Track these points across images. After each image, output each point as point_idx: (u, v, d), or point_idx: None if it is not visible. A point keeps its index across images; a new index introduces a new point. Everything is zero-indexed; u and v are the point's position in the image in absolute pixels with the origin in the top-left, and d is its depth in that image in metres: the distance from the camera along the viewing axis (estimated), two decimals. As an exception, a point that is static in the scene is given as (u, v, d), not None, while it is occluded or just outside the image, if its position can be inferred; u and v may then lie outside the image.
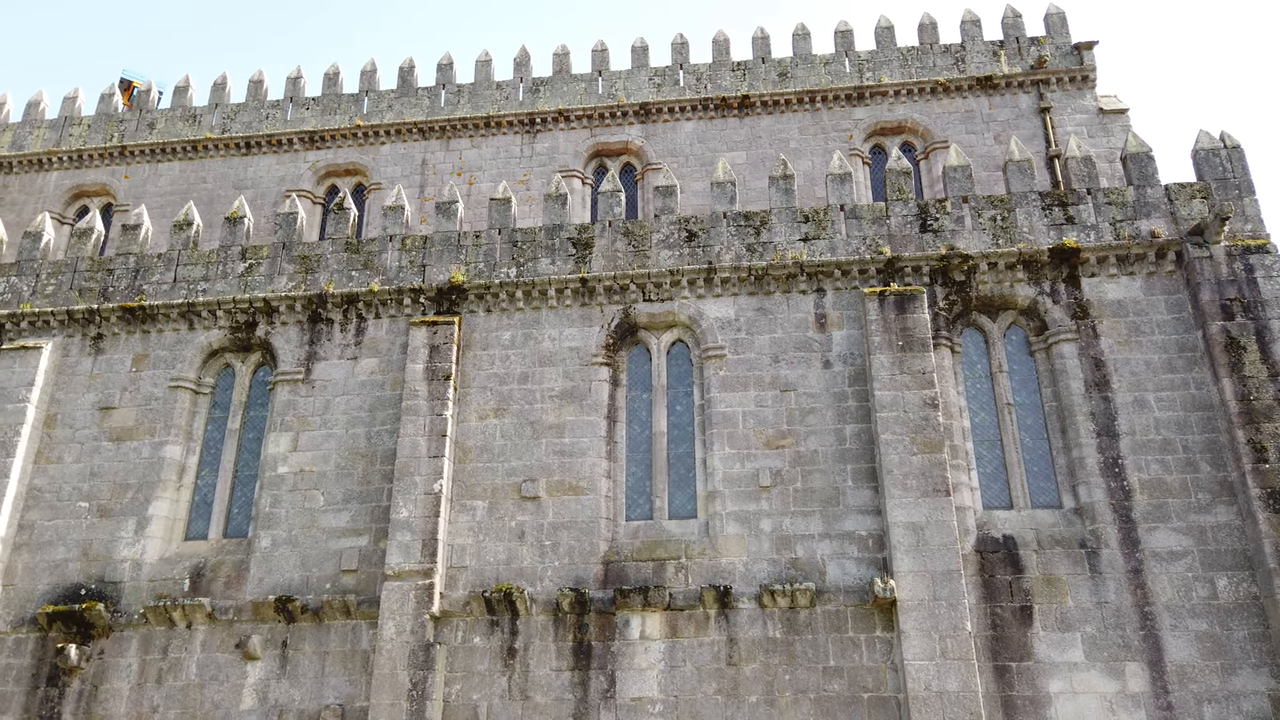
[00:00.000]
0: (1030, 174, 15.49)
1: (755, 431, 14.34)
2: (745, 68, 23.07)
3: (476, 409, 15.02)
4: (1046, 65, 21.74)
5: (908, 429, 13.62)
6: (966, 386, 14.67)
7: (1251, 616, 12.40)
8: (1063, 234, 14.85)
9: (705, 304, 15.34)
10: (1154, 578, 12.73)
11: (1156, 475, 13.31)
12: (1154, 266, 14.58)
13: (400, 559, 13.76)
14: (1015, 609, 12.84)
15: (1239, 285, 13.91)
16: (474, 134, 23.14)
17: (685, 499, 14.51)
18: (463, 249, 16.11)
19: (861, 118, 22.16)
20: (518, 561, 13.96)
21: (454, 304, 15.76)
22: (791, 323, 15.03)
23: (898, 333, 14.28)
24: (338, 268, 16.27)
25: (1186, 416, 13.60)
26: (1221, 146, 15.09)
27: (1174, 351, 14.02)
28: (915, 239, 15.18)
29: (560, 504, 14.23)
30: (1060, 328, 14.41)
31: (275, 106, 24.39)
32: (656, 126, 22.74)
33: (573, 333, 15.41)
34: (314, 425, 15.26)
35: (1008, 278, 14.85)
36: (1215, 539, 12.86)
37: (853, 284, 15.09)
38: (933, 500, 13.15)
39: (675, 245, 15.67)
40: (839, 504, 13.72)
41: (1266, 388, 13.17)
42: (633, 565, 13.79)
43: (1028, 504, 13.78)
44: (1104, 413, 13.76)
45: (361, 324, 15.92)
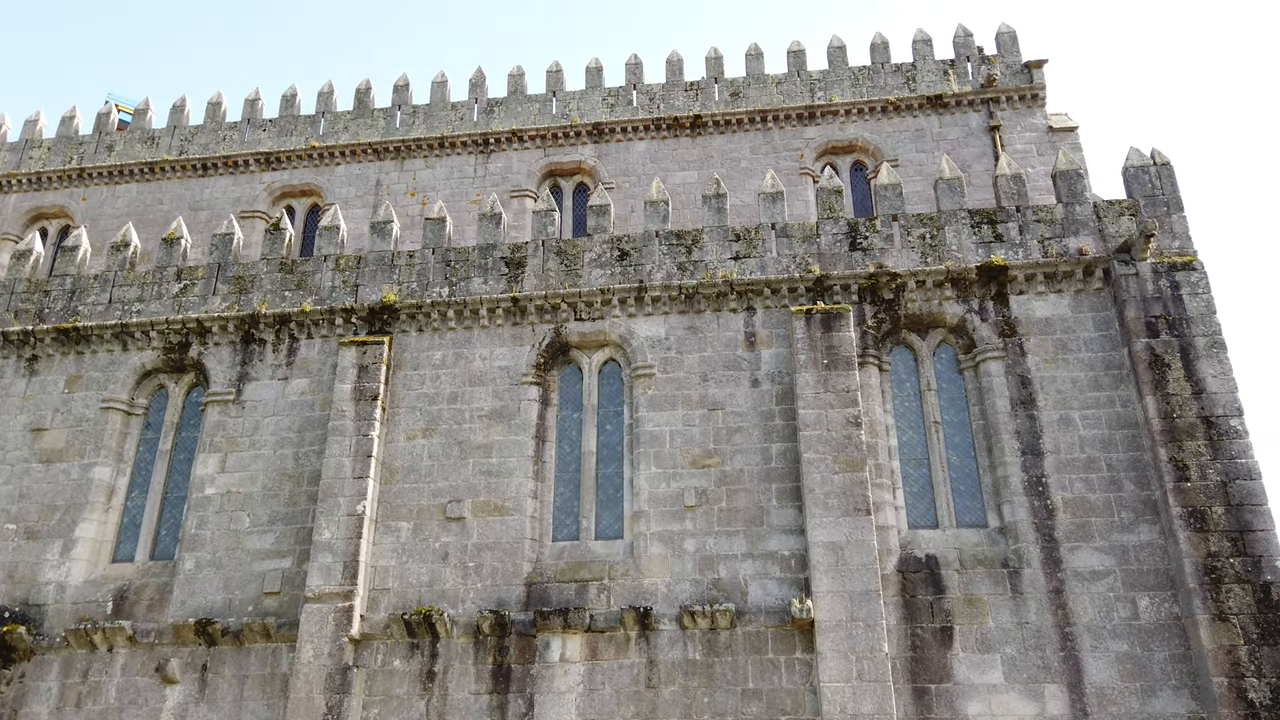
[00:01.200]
0: (960, 192, 15.48)
1: (682, 451, 14.25)
2: (698, 88, 23.15)
3: (405, 429, 14.94)
4: (996, 84, 21.80)
5: (830, 448, 13.52)
6: (895, 405, 14.58)
7: (1173, 637, 12.25)
8: (991, 252, 14.81)
9: (636, 323, 15.29)
10: (1075, 598, 12.59)
11: (1080, 494, 13.19)
12: (1082, 284, 14.52)
13: (320, 581, 13.63)
14: (936, 630, 12.69)
15: (1164, 302, 13.85)
16: (428, 154, 23.20)
17: (613, 519, 14.40)
18: (396, 269, 16.09)
19: (813, 137, 22.20)
20: (440, 583, 13.83)
21: (386, 324, 15.72)
22: (721, 341, 14.98)
23: (823, 351, 14.21)
24: (271, 288, 16.24)
25: (1111, 434, 13.50)
26: (1151, 164, 15.08)
27: (1100, 369, 13.94)
28: (845, 257, 15.15)
29: (485, 525, 14.12)
30: (988, 346, 14.34)
31: (233, 128, 24.48)
32: (610, 146, 22.80)
33: (504, 352, 15.35)
34: (243, 446, 15.17)
35: (936, 296, 14.80)
36: (1138, 558, 12.73)
37: (782, 302, 15.04)
38: (853, 520, 13.04)
39: (607, 264, 15.64)
40: (763, 524, 13.61)
41: (1190, 405, 13.08)
42: (555, 586, 13.65)
43: (953, 523, 13.66)
44: (1029, 431, 13.67)
45: (294, 344, 15.88)
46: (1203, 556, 12.16)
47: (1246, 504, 12.40)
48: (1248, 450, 12.71)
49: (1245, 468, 12.62)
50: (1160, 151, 15.17)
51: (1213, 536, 12.26)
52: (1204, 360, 13.34)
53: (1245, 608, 11.84)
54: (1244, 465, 12.63)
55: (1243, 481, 12.54)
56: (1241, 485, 12.52)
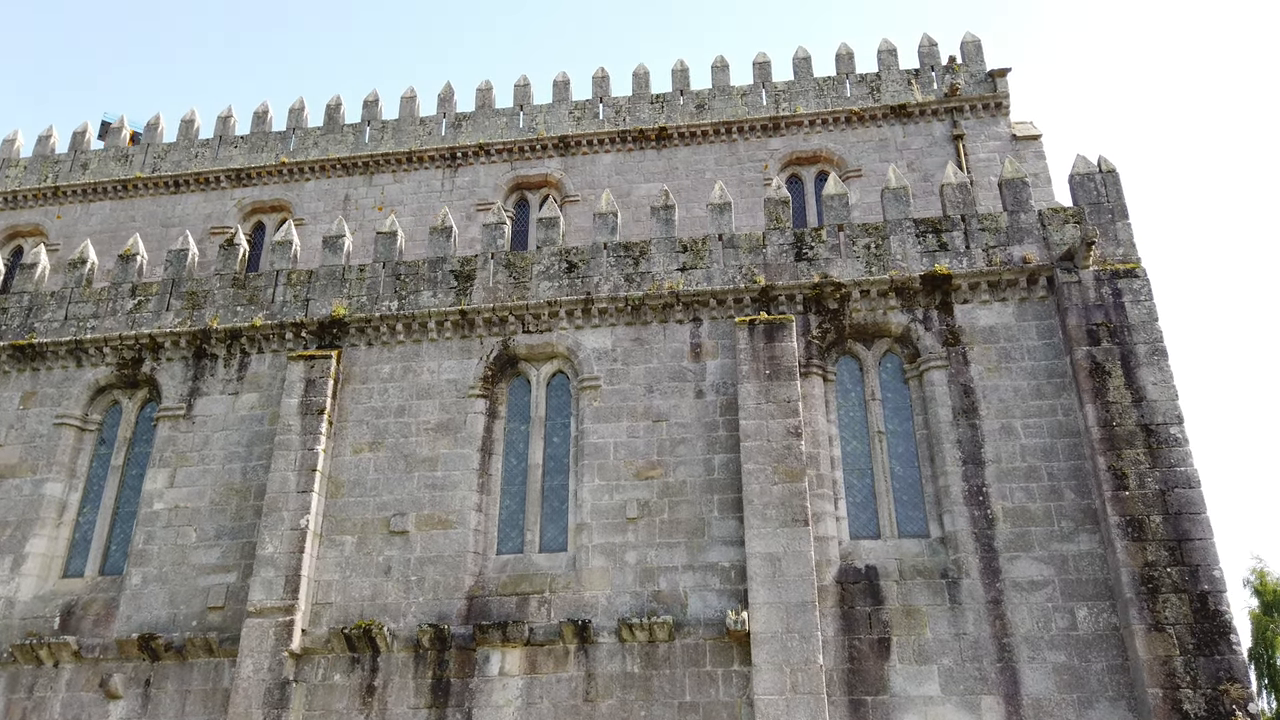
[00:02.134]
0: (906, 201, 15.46)
1: (626, 462, 14.22)
2: (664, 100, 23.22)
3: (352, 443, 14.97)
4: (960, 93, 21.80)
5: (770, 458, 13.48)
6: (840, 415, 14.53)
7: (1111, 648, 12.13)
8: (936, 261, 14.78)
9: (583, 335, 15.30)
10: (1014, 608, 12.48)
11: (1020, 503, 13.11)
12: (1026, 292, 14.47)
13: (263, 595, 13.64)
14: (873, 641, 12.60)
15: (1106, 310, 13.78)
16: (396, 169, 23.32)
17: (557, 531, 14.37)
18: (347, 283, 16.16)
19: (777, 148, 22.23)
20: (383, 597, 13.82)
21: (336, 338, 15.78)
22: (667, 352, 14.97)
23: (765, 361, 14.19)
24: (224, 303, 16.33)
25: (1053, 443, 13.41)
26: (1097, 171, 15.03)
27: (1043, 378, 13.87)
28: (790, 267, 15.14)
29: (428, 538, 14.11)
30: (931, 355, 14.29)
31: (205, 145, 24.67)
32: (576, 159, 22.87)
33: (452, 365, 15.38)
34: (192, 461, 15.22)
35: (881, 305, 14.77)
36: (1077, 568, 12.62)
37: (728, 313, 15.03)
38: (791, 530, 12.98)
39: (555, 276, 15.67)
40: (704, 535, 13.56)
41: (1130, 413, 12.99)
42: (496, 600, 13.63)
43: (895, 533, 13.58)
44: (971, 440, 13.60)
45: (245, 359, 15.94)
46: (1140, 566, 12.05)
47: (1185, 512, 12.30)
48: (1187, 458, 12.61)
49: (1184, 476, 12.51)
50: (1106, 159, 15.13)
51: (1150, 546, 12.15)
52: (1145, 368, 13.26)
53: (1182, 618, 11.72)
54: (1183, 473, 12.53)
55: (1181, 490, 12.44)
56: (1180, 494, 12.42)
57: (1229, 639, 11.54)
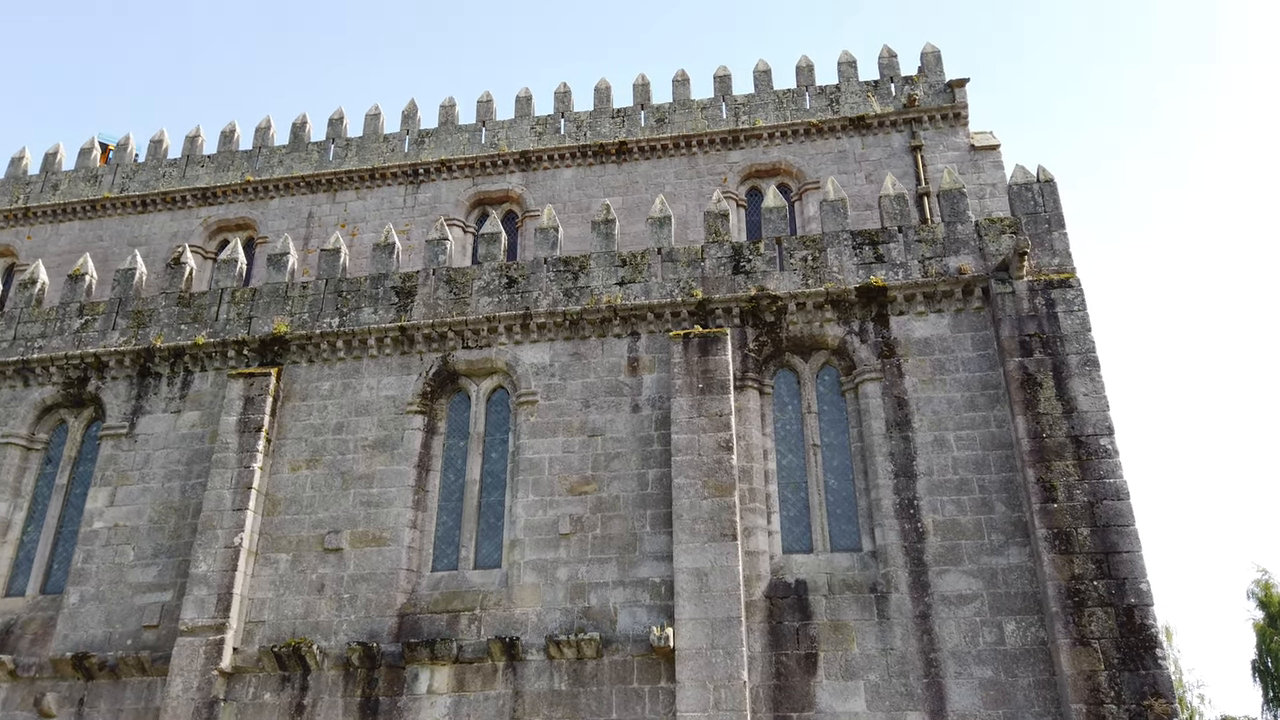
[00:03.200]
0: (844, 213, 15.41)
1: (560, 478, 14.17)
2: (625, 114, 23.26)
3: (290, 460, 14.96)
4: (918, 104, 21.75)
5: (701, 472, 13.40)
6: (776, 428, 14.45)
7: (1038, 662, 11.97)
8: (872, 273, 14.71)
9: (522, 350, 15.28)
10: (942, 622, 12.34)
11: (951, 516, 12.98)
12: (962, 303, 14.38)
13: (195, 614, 13.61)
14: (800, 657, 12.47)
15: (1039, 320, 13.67)
16: (359, 186, 23.42)
17: (493, 548, 14.31)
18: (289, 300, 16.20)
19: (737, 161, 22.22)
20: (315, 615, 13.78)
21: (277, 355, 15.80)
22: (605, 367, 14.93)
23: (699, 375, 14.13)
24: (169, 321, 16.39)
25: (985, 455, 13.29)
26: (1035, 181, 14.95)
27: (977, 389, 13.76)
28: (728, 280, 15.09)
29: (362, 555, 14.07)
30: (866, 367, 14.20)
31: (173, 165, 24.84)
32: (537, 174, 22.92)
33: (391, 381, 15.38)
34: (133, 479, 15.24)
35: (817, 318, 14.70)
36: (1006, 581, 12.47)
37: (666, 327, 14.99)
38: (719, 545, 12.88)
39: (495, 292, 15.67)
40: (636, 550, 13.47)
41: (1060, 425, 12.87)
42: (428, 617, 13.56)
43: (827, 547, 13.46)
44: (903, 453, 13.48)
45: (188, 377, 15.98)
46: (1066, 579, 11.90)
47: (1113, 525, 12.15)
48: (1116, 470, 12.46)
49: (1113, 488, 12.37)
50: (1045, 169, 15.05)
51: (1077, 558, 12.00)
52: (1076, 379, 13.13)
53: (1107, 632, 11.56)
54: (1112, 485, 12.38)
55: (1110, 502, 12.29)
56: (1109, 506, 12.27)
57: (1154, 653, 11.36)
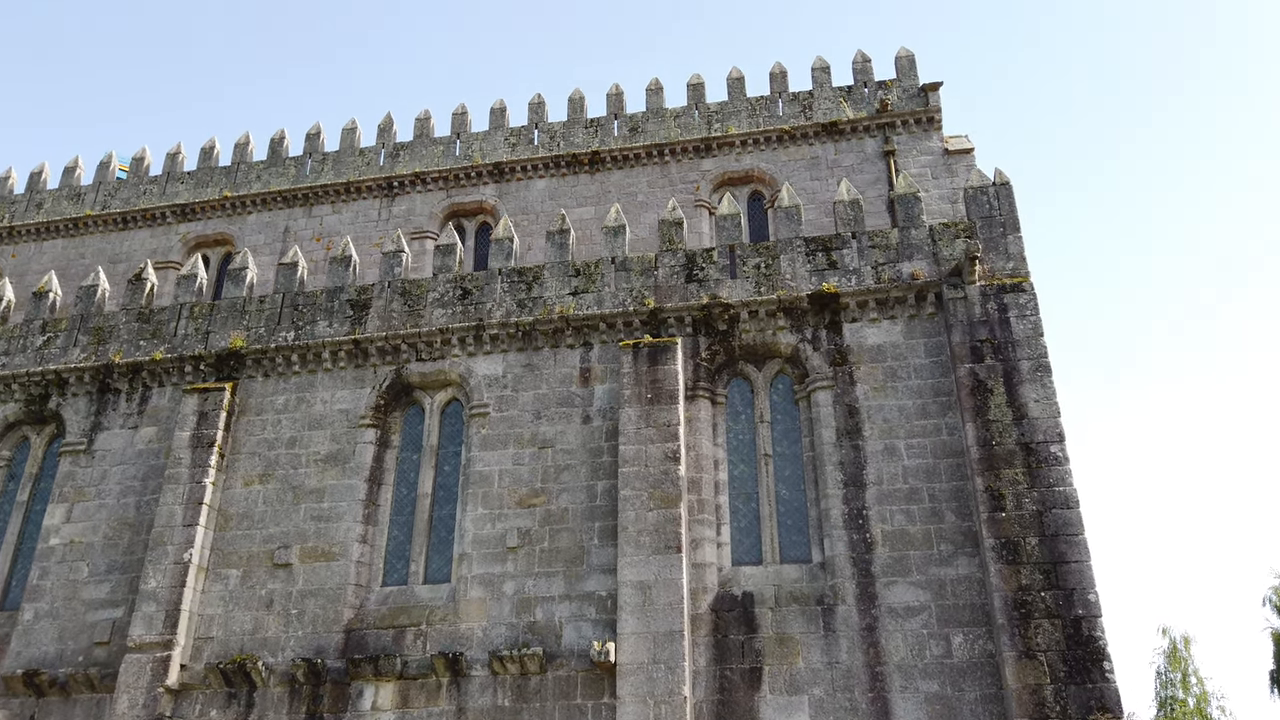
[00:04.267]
0: (798, 220, 15.22)
1: (510, 491, 14.03)
2: (599, 124, 23.20)
3: (243, 475, 14.92)
4: (891, 108, 21.54)
5: (647, 484, 13.22)
6: (729, 438, 14.25)
7: (985, 676, 11.68)
8: (825, 279, 14.50)
9: (475, 361, 15.18)
10: (888, 635, 12.07)
11: (900, 526, 12.72)
12: (915, 309, 14.14)
13: (143, 630, 13.57)
14: (745, 671, 12.24)
15: (991, 325, 13.41)
16: (335, 200, 23.47)
17: (443, 562, 14.19)
18: (246, 314, 16.19)
19: (709, 169, 22.08)
20: (263, 631, 13.70)
21: (233, 369, 15.78)
22: (557, 378, 14.80)
23: (648, 385, 13.96)
24: (128, 338, 16.42)
25: (936, 464, 13.03)
26: (990, 184, 14.71)
27: (929, 396, 13.51)
28: (681, 289, 14.93)
29: (311, 570, 13.98)
30: (818, 375, 13.99)
31: (154, 182, 25.02)
32: (510, 185, 22.89)
33: (345, 395, 15.32)
34: (89, 496, 15.25)
35: (770, 325, 14.50)
36: (954, 593, 12.20)
37: (618, 337, 14.84)
38: (663, 557, 12.69)
39: (449, 303, 15.59)
40: (583, 563, 13.30)
41: (1010, 432, 12.59)
42: (374, 633, 13.44)
43: (776, 559, 13.23)
44: (853, 462, 13.25)
45: (146, 393, 16.00)
46: (1013, 590, 11.61)
47: (1062, 534, 11.85)
48: (1066, 477, 12.18)
49: (1063, 496, 12.08)
50: (1001, 171, 14.80)
51: (1025, 569, 11.71)
52: (1027, 384, 12.86)
53: (1054, 644, 11.26)
54: (1062, 493, 12.09)
55: (1059, 510, 12.00)
56: (1058, 514, 11.98)
57: (1102, 666, 11.05)
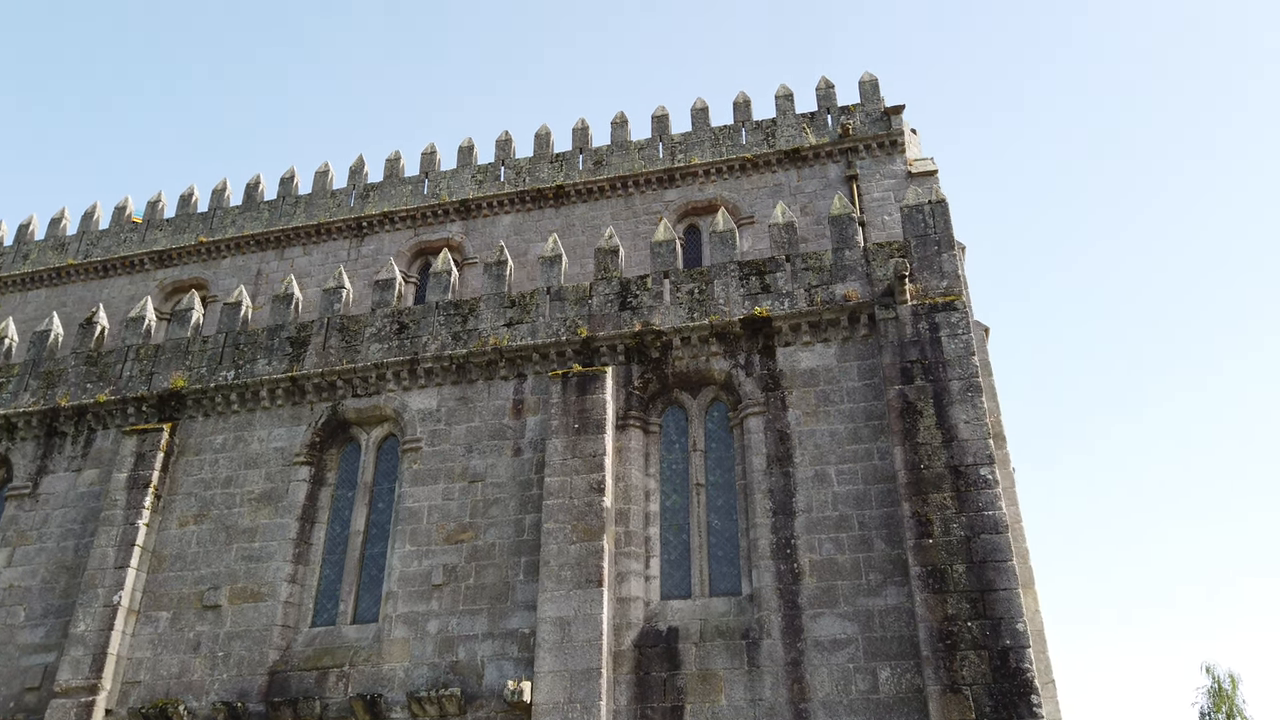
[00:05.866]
0: (732, 244, 14.97)
1: (439, 526, 13.76)
2: (564, 159, 23.23)
3: (179, 516, 14.81)
4: (853, 134, 21.31)
5: (571, 516, 12.89)
6: (663, 467, 13.90)
7: (913, 711, 11.09)
8: (757, 303, 14.20)
9: (410, 396, 15.02)
10: (813, 670, 11.55)
11: (829, 555, 12.24)
12: (848, 331, 13.76)
13: (70, 674, 13.41)
14: (666, 710, 11.75)
15: (922, 346, 12.99)
16: (306, 242, 23.67)
17: (372, 601, 13.91)
18: (190, 355, 16.22)
19: (673, 199, 21.95)
20: (189, 674, 13.47)
21: (175, 410, 15.77)
22: (490, 410, 14.58)
23: (576, 415, 13.69)
24: (76, 381, 16.52)
25: (866, 490, 12.56)
26: (926, 202, 14.37)
27: (861, 420, 13.07)
28: (614, 317, 14.70)
29: (239, 612, 13.77)
30: (750, 401, 13.62)
31: (134, 230, 25.44)
32: (477, 222, 22.93)
33: (281, 432, 15.21)
34: (31, 539, 15.23)
35: (703, 352, 14.20)
36: (882, 624, 11.66)
37: (551, 367, 14.61)
38: (584, 592, 12.31)
39: (386, 338, 15.49)
40: (508, 600, 12.95)
41: (939, 455, 12.11)
42: (298, 675, 13.16)
43: (705, 592, 12.79)
44: (783, 489, 12.82)
45: (91, 435, 16.03)
46: (939, 620, 11.07)
47: (990, 560, 11.31)
48: (995, 501, 11.65)
49: (992, 520, 11.55)
50: (939, 189, 14.47)
51: (951, 598, 11.17)
52: (957, 405, 12.40)
53: (980, 677, 10.67)
54: (990, 518, 11.57)
55: (988, 536, 11.46)
56: (986, 540, 11.44)
57: (1029, 700, 10.44)
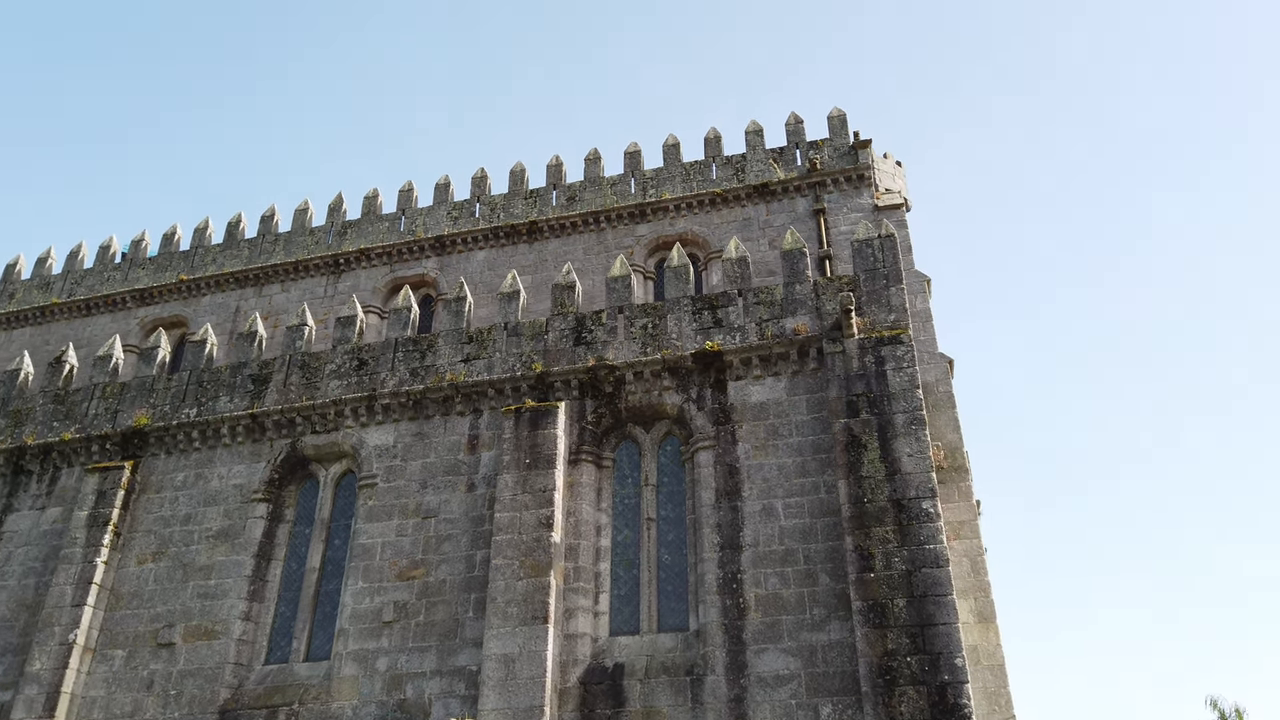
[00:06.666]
0: (686, 280, 15.11)
1: (391, 563, 13.80)
2: (538, 195, 23.49)
3: (138, 554, 14.89)
4: (821, 168, 21.51)
5: (519, 552, 12.92)
6: (615, 502, 13.93)
7: (854, 749, 11.02)
8: (709, 337, 14.30)
9: (368, 432, 15.13)
10: (756, 706, 11.48)
11: (774, 590, 12.21)
12: (798, 365, 13.84)
13: (23, 714, 13.42)
14: (609, 748, 11.70)
15: (868, 379, 13.05)
16: (285, 279, 23.92)
17: (326, 638, 13.92)
18: (154, 393, 16.38)
19: (644, 234, 22.14)
20: (142, 713, 13.46)
21: (137, 448, 15.90)
22: (445, 446, 14.66)
23: (527, 450, 13.76)
24: (43, 419, 16.68)
25: (813, 524, 12.56)
26: (875, 237, 14.50)
27: (809, 454, 13.11)
28: (569, 352, 14.82)
29: (193, 650, 13.79)
30: (701, 435, 13.68)
31: (118, 269, 25.77)
32: (451, 257, 23.15)
33: (241, 469, 15.31)
34: (-7, 578, 15.31)
35: (656, 386, 14.28)
36: (825, 659, 11.60)
37: (507, 402, 14.71)
38: (530, 629, 12.30)
39: (345, 375, 15.63)
40: (456, 637, 12.95)
41: (882, 488, 12.12)
42: (249, 713, 13.14)
43: (653, 627, 12.77)
44: (731, 524, 12.83)
45: (56, 473, 16.16)
46: (879, 655, 11.02)
47: (930, 595, 11.27)
48: (936, 534, 11.64)
49: (933, 554, 11.52)
50: (888, 224, 14.60)
51: (891, 633, 11.13)
52: (901, 439, 12.42)
53: (918, 713, 10.60)
54: (931, 551, 11.54)
55: (929, 570, 11.43)
56: (927, 574, 11.41)
57: (967, 736, 10.37)
